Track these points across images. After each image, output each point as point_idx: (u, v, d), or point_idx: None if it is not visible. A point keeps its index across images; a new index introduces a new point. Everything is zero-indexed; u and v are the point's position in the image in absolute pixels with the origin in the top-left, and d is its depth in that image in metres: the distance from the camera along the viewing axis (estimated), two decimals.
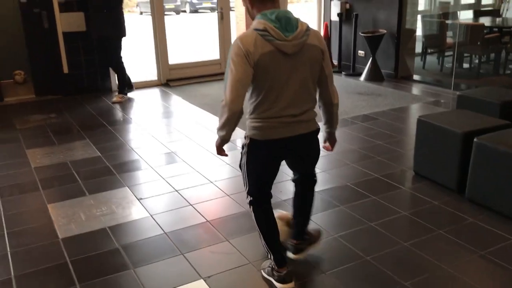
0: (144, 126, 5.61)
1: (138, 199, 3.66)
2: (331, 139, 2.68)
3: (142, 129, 5.50)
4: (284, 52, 2.14)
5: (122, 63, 6.57)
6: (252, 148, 2.39)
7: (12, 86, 7.58)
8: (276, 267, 2.55)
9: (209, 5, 24.10)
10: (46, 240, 3.11)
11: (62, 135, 5.32)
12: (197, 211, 3.47)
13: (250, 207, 2.54)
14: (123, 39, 6.46)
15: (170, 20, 7.72)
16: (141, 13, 23.84)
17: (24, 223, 3.39)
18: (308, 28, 2.21)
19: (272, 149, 2.36)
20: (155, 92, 7.27)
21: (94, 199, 3.69)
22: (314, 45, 2.23)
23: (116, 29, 6.31)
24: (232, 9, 8.38)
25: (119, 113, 6.20)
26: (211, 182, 3.96)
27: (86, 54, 6.91)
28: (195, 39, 14.22)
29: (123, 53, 6.61)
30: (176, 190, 3.81)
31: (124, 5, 6.48)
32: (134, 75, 7.47)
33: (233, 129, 2.31)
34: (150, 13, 7.54)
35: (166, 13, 8.49)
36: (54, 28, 6.62)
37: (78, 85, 6.97)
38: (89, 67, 6.98)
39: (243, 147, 2.45)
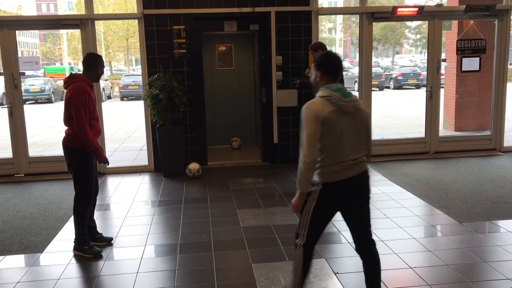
0: None
1: (334, 273, 3.70)
2: None
3: None
4: (344, 111, 2.82)
5: None
6: (322, 193, 2.88)
7: (228, 151, 8.59)
8: None
9: (414, 81, 23.86)
10: None
11: (267, 199, 5.76)
12: None
13: (300, 248, 2.98)
14: None
15: (374, 96, 7.89)
16: None
17: (231, 278, 3.73)
18: (357, 98, 2.92)
19: (341, 191, 2.90)
20: None
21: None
22: (363, 110, 2.94)
23: None
24: (441, 86, 8.16)
25: None
26: (411, 267, 3.77)
27: (294, 127, 7.48)
28: (398, 115, 14.13)
29: None
30: None
31: None
32: None
33: (310, 181, 2.85)
34: (353, 89, 7.86)
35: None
36: (270, 103, 7.39)
37: (285, 154, 7.53)
38: (295, 138, 7.51)
39: (310, 194, 2.91)
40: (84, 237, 4.26)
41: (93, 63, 4.22)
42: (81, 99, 4.02)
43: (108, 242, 4.49)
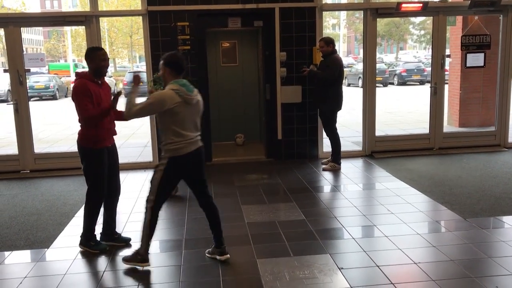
0: (347, 195, 5.72)
1: (339, 268, 3.71)
2: None
3: (345, 198, 5.62)
4: (188, 102, 3.66)
5: (337, 134, 6.90)
6: (169, 166, 3.69)
7: (232, 147, 8.61)
8: (144, 255, 3.81)
9: (418, 77, 23.80)
10: None
11: (272, 195, 5.78)
12: None
13: (149, 211, 3.76)
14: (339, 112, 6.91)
15: (377, 92, 7.88)
16: (348, 84, 24.82)
17: (236, 273, 3.76)
18: (197, 92, 3.78)
19: (185, 163, 3.73)
20: (359, 162, 7.38)
21: (298, 261, 3.87)
22: (200, 100, 3.81)
23: (333, 104, 6.73)
24: (446, 82, 8.13)
25: (324, 180, 6.46)
26: (415, 263, 3.78)
27: (298, 123, 7.48)
28: (402, 111, 14.11)
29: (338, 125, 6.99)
30: (377, 266, 3.75)
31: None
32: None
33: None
34: (357, 85, 7.85)
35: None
36: (275, 99, 7.39)
37: (289, 150, 7.54)
38: (300, 135, 7.52)
39: (158, 166, 3.73)
40: (91, 233, 4.29)
41: (89, 57, 4.15)
42: (81, 95, 3.98)
43: (126, 242, 4.44)
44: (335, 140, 6.90)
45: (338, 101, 6.76)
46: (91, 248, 4.25)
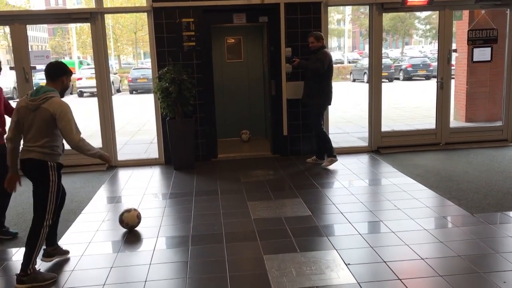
0: (353, 191, 5.71)
1: (346, 264, 3.71)
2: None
3: (351, 194, 5.61)
4: (29, 108, 3.59)
5: (322, 129, 6.85)
6: (58, 172, 3.75)
7: (238, 144, 8.61)
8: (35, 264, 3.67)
9: (424, 72, 23.67)
10: None
11: (278, 191, 5.78)
12: (406, 287, 3.34)
13: (45, 229, 3.65)
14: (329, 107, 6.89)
15: (383, 87, 7.84)
16: (354, 80, 24.75)
17: (243, 269, 3.76)
18: (46, 98, 3.57)
19: (22, 169, 3.74)
20: (365, 158, 7.36)
21: (305, 257, 3.87)
22: (46, 109, 3.55)
23: (323, 98, 6.72)
24: (452, 77, 8.09)
25: (330, 176, 6.45)
26: (422, 258, 3.77)
27: (303, 119, 7.46)
28: (408, 106, 14.05)
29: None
30: (384, 261, 3.74)
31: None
32: (343, 141, 7.74)
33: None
34: (362, 81, 7.82)
35: None
36: (280, 95, 7.38)
37: (294, 146, 7.53)
38: (305, 131, 7.50)
39: (51, 176, 3.65)
40: None
41: None
42: None
43: (13, 236, 4.62)
44: (322, 136, 6.83)
45: (328, 96, 6.76)
46: None
